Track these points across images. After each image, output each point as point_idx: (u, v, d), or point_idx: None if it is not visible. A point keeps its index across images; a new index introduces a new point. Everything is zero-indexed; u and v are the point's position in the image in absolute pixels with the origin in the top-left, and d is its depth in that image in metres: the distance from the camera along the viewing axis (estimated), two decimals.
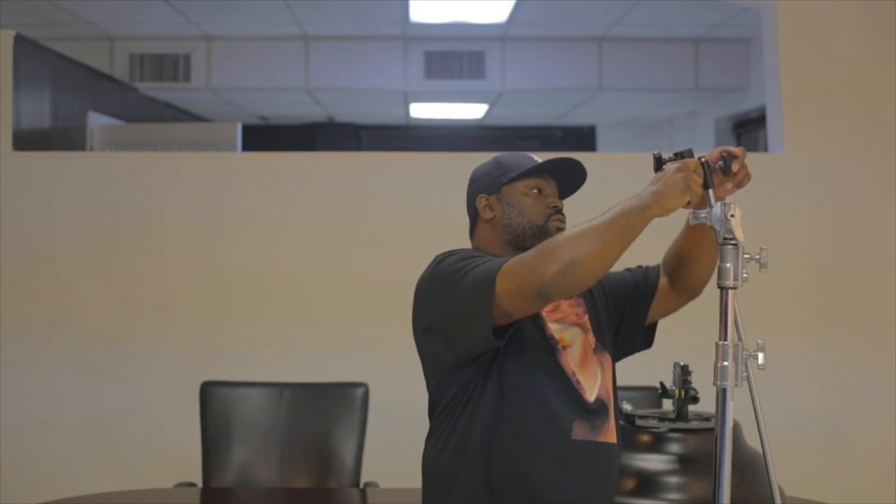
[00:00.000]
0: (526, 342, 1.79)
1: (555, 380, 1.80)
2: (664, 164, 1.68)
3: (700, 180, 1.62)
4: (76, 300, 3.85)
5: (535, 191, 1.90)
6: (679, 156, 1.67)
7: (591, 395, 1.83)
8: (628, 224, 1.59)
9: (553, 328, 1.84)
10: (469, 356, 1.76)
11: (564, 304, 1.90)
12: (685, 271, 1.91)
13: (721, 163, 1.67)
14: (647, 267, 2.01)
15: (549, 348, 1.82)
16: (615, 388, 1.91)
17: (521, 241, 1.88)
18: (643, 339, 1.99)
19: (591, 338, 1.89)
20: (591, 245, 1.58)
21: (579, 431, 1.80)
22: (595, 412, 1.83)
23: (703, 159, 1.64)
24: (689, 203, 1.62)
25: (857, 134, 3.93)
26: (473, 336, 1.70)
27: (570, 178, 1.94)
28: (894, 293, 3.83)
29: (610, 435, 1.85)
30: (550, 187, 1.92)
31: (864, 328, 3.85)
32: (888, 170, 3.87)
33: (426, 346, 1.83)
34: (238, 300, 3.85)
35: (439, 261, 1.80)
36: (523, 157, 1.94)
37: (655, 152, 1.70)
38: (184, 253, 3.87)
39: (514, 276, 1.63)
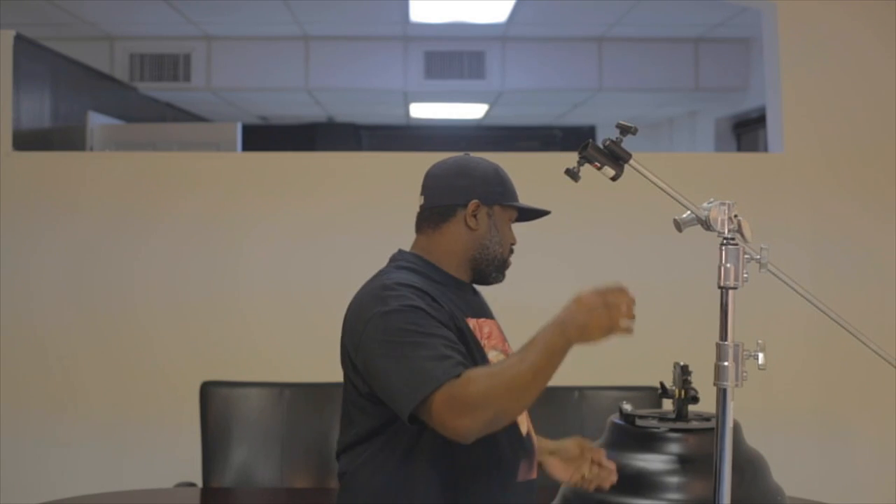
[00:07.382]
0: None
1: None
2: (576, 173, 1.59)
3: (623, 309, 1.51)
4: (76, 303, 3.85)
5: (513, 221, 1.92)
6: (583, 155, 1.56)
7: (524, 429, 1.83)
8: (552, 366, 1.55)
9: (491, 356, 1.81)
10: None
11: (494, 328, 1.89)
12: None
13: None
14: None
15: None
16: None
17: (485, 265, 1.86)
18: None
19: None
20: (518, 401, 1.57)
21: (522, 472, 1.80)
22: (529, 448, 1.83)
23: None
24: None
25: (857, 134, 3.92)
26: (395, 408, 1.69)
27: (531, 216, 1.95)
28: (894, 293, 3.82)
29: (535, 471, 1.86)
30: None
31: (864, 328, 3.81)
32: (888, 170, 3.87)
33: (353, 376, 1.85)
34: (237, 300, 3.85)
35: (388, 312, 1.74)
36: (511, 183, 1.93)
37: (567, 168, 1.59)
38: (183, 252, 3.87)
39: (447, 413, 1.58)
